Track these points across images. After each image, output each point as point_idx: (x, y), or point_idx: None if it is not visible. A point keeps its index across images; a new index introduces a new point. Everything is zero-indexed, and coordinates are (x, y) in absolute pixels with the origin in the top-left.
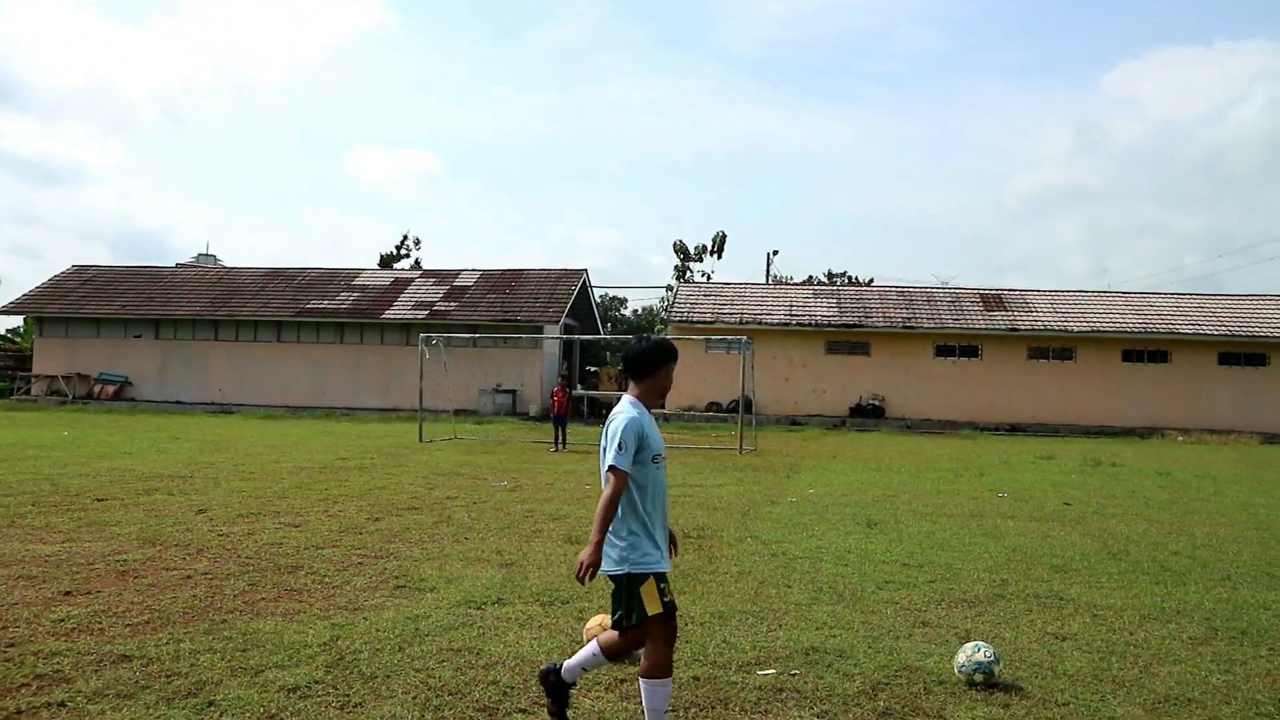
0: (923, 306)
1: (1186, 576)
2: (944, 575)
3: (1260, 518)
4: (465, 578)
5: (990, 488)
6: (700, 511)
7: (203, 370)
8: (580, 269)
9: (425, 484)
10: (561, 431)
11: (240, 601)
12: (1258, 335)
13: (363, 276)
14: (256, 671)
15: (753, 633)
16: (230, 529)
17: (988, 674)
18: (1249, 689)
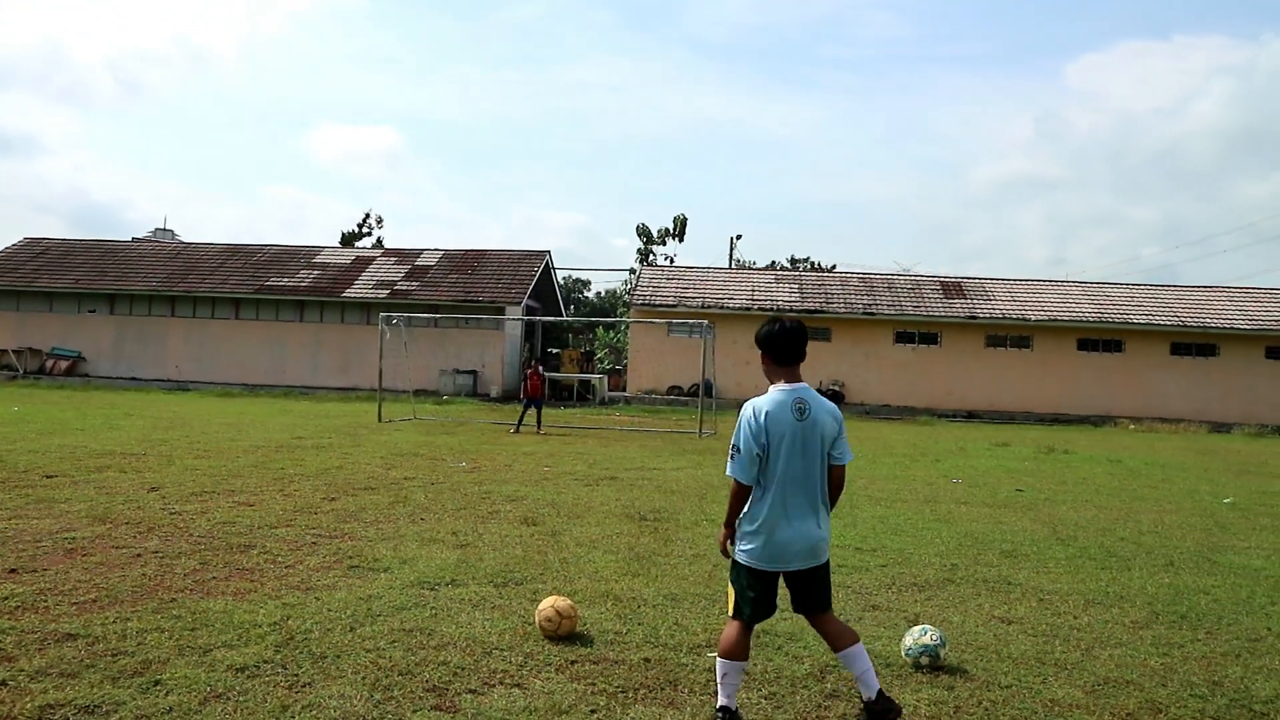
0: (883, 293)
1: (1131, 562)
2: (896, 560)
3: (1204, 505)
4: (419, 558)
5: (945, 474)
6: (657, 494)
7: (159, 347)
8: (543, 250)
9: (383, 464)
10: (537, 413)
11: (190, 580)
12: (1208, 326)
13: (323, 254)
14: (205, 651)
15: (705, 615)
16: (183, 507)
17: (934, 657)
18: (1185, 671)
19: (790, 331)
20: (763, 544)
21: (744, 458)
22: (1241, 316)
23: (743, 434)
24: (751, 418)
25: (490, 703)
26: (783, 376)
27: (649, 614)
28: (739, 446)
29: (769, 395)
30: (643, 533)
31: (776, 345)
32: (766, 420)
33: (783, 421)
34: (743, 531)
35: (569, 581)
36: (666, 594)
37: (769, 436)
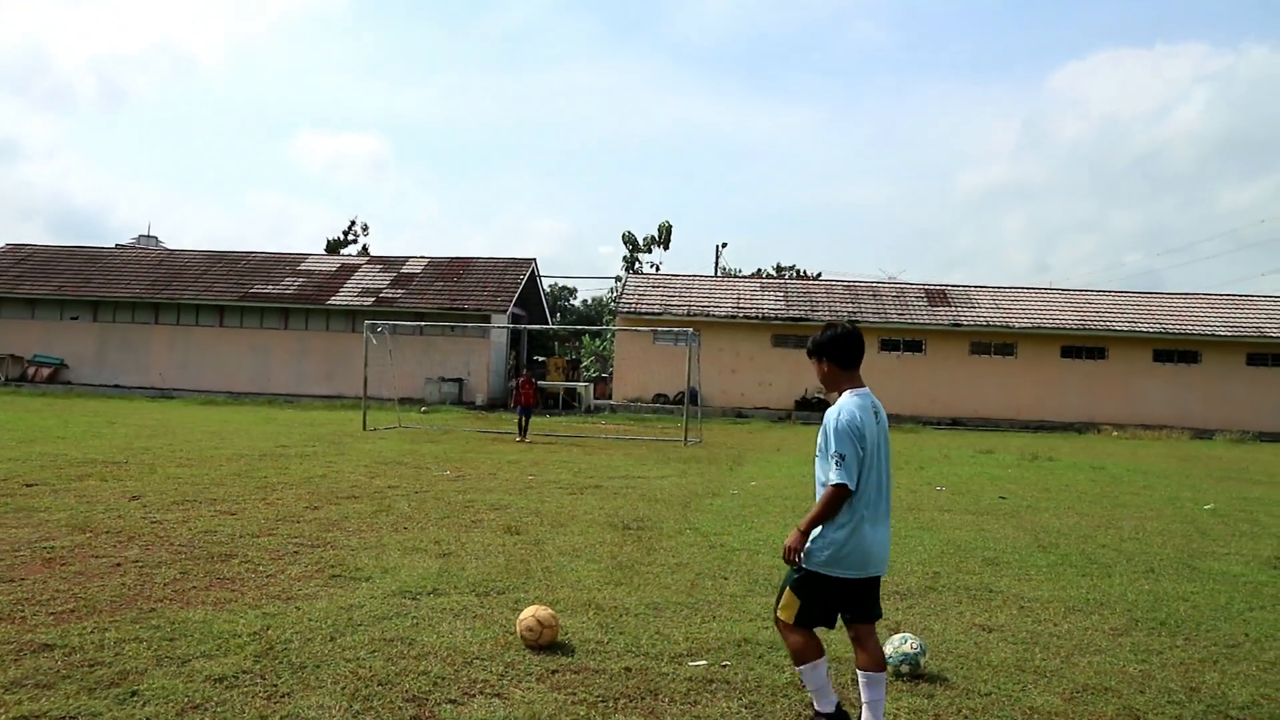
0: (868, 301)
1: (1112, 569)
2: None
3: (1185, 511)
4: (402, 567)
5: (929, 481)
6: (642, 503)
7: (143, 354)
8: (529, 258)
9: (367, 472)
10: (525, 421)
11: (170, 590)
12: (1190, 333)
13: (308, 261)
14: (183, 661)
15: (686, 624)
16: (164, 516)
17: (914, 665)
18: (1163, 678)
19: (853, 335)
20: (851, 550)
21: (852, 462)
22: (1223, 324)
23: (845, 439)
24: (849, 422)
25: (470, 713)
26: (847, 381)
27: (631, 623)
28: (844, 453)
29: (850, 400)
30: (626, 541)
31: (841, 349)
32: (860, 425)
33: (869, 425)
34: (828, 539)
35: (551, 591)
36: (649, 603)
37: (865, 441)
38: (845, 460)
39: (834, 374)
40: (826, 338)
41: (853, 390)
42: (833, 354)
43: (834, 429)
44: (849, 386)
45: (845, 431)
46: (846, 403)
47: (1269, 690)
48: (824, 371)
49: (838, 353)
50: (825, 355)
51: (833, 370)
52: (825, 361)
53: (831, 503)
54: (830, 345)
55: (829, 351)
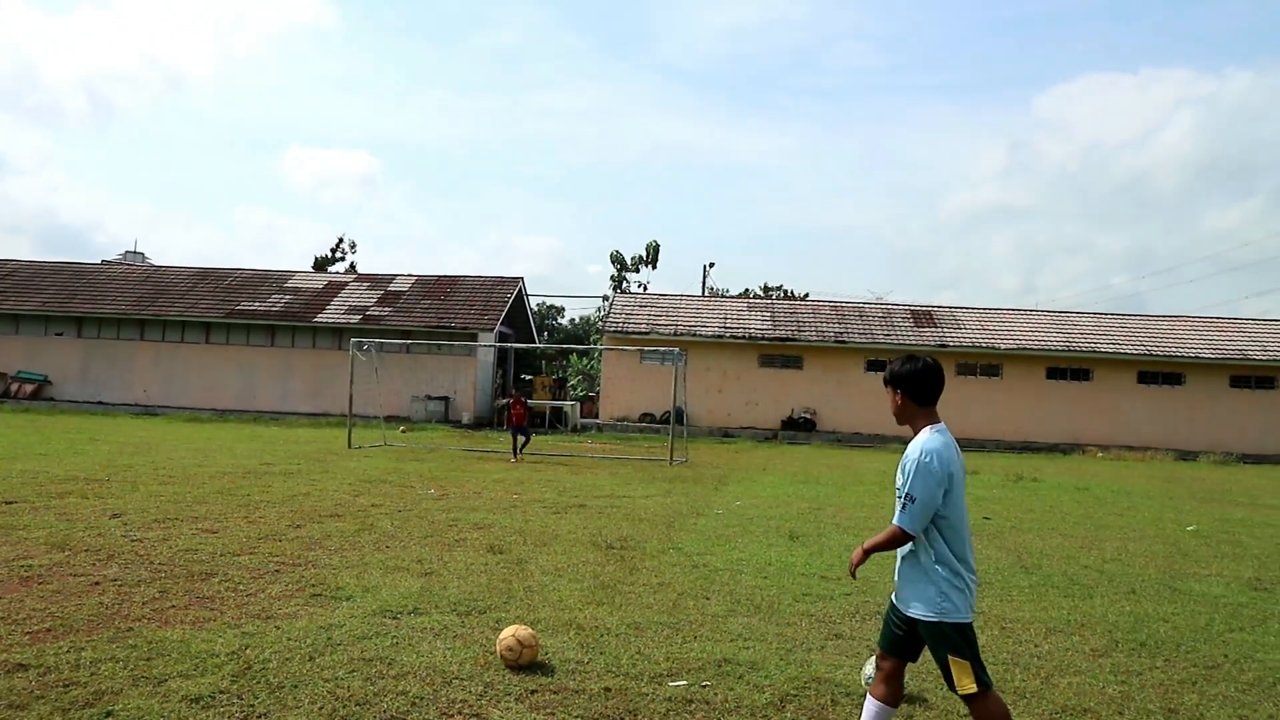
0: (855, 321)
1: (1094, 590)
2: (861, 588)
3: (1167, 533)
4: (383, 586)
5: None
6: (625, 523)
7: (127, 371)
8: (516, 277)
9: (351, 491)
10: (513, 442)
11: (149, 609)
12: (1174, 355)
13: (295, 279)
14: (159, 681)
15: (668, 644)
16: (145, 534)
17: None
18: (1142, 699)
19: (934, 369)
20: (971, 591)
21: (921, 507)
22: (1206, 346)
23: (922, 482)
24: (932, 464)
25: None
26: (923, 416)
27: (612, 643)
28: (916, 496)
29: (931, 437)
30: (609, 561)
31: (920, 384)
32: (948, 464)
33: (955, 463)
34: (956, 584)
35: (532, 610)
36: (630, 623)
37: (952, 481)
38: (915, 504)
39: (908, 407)
40: (906, 370)
41: (932, 427)
42: (910, 387)
43: (914, 469)
44: (926, 422)
45: (926, 474)
46: (928, 441)
47: (1246, 712)
48: (898, 403)
49: (916, 387)
50: (902, 388)
51: (906, 404)
52: (901, 394)
53: (892, 541)
54: (909, 379)
55: (907, 385)
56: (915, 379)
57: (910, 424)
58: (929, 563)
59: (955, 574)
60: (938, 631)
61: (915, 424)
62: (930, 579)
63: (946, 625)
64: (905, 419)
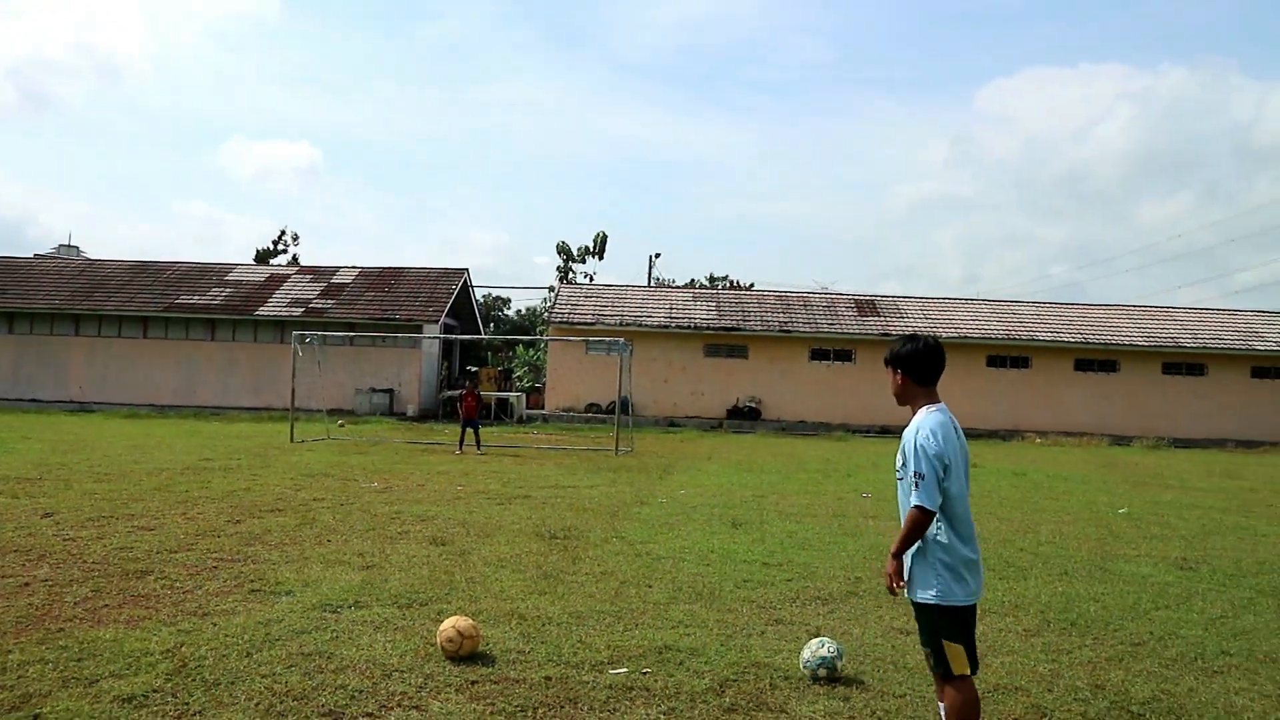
0: (799, 311)
1: (1028, 572)
2: (802, 574)
3: (1100, 515)
4: (323, 581)
5: (856, 489)
6: (570, 513)
7: (62, 367)
8: (461, 268)
9: (292, 485)
10: (475, 434)
11: (81, 609)
12: (1110, 343)
13: (236, 272)
14: (91, 681)
15: (609, 632)
16: (78, 533)
17: (831, 669)
18: (1071, 676)
19: (935, 349)
20: (971, 574)
21: (931, 483)
22: (1140, 334)
23: (924, 458)
24: (929, 440)
25: None
26: (924, 397)
27: (553, 632)
28: (923, 472)
29: (930, 416)
30: (552, 551)
31: (921, 364)
32: (946, 442)
33: (953, 441)
34: (949, 563)
35: (474, 601)
36: (572, 612)
37: (950, 459)
38: (925, 480)
39: (909, 388)
40: (907, 350)
41: (930, 406)
42: (911, 367)
43: (914, 449)
44: (926, 402)
45: (925, 450)
46: (926, 420)
47: (1169, 686)
48: (898, 384)
49: (917, 367)
50: (903, 368)
51: (907, 384)
52: (901, 374)
53: (916, 526)
54: (910, 359)
55: (907, 365)
56: (916, 359)
57: (910, 404)
58: (929, 544)
59: (956, 557)
60: (932, 614)
61: (915, 404)
62: (929, 562)
63: (943, 609)
64: (906, 399)
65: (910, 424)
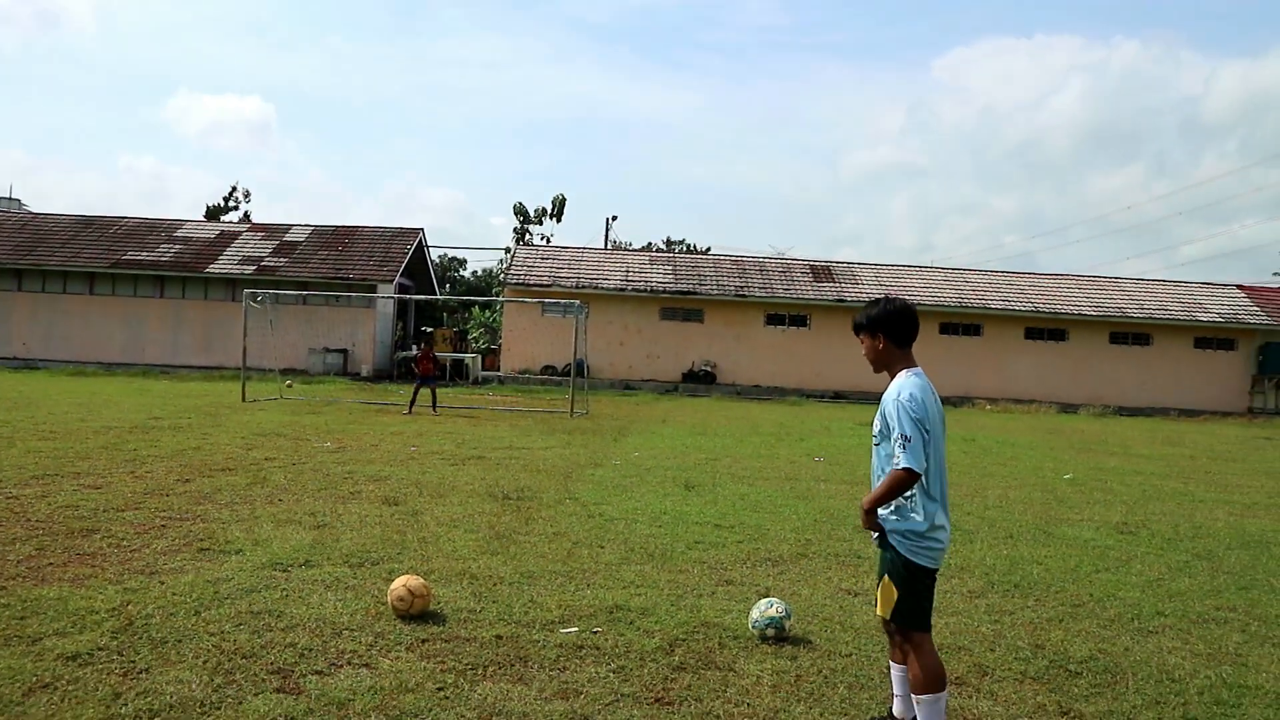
0: (755, 276)
1: (975, 535)
2: (753, 536)
3: (1046, 480)
4: (274, 539)
5: (808, 452)
6: (523, 474)
7: (4, 323)
8: (416, 228)
9: (243, 445)
10: (432, 394)
11: (24, 567)
12: (1059, 312)
13: (186, 228)
14: (33, 640)
15: (560, 592)
16: (21, 491)
17: (779, 629)
18: (1013, 636)
19: (910, 310)
20: (938, 538)
21: (918, 445)
22: (1089, 304)
23: (908, 420)
24: (911, 401)
25: (335, 683)
26: (902, 360)
27: (504, 592)
28: (909, 434)
29: (909, 379)
30: (505, 511)
31: (898, 325)
32: (927, 406)
33: (932, 406)
34: (917, 529)
35: (426, 561)
36: (524, 572)
37: (930, 423)
38: (911, 443)
39: (888, 351)
40: (884, 312)
41: (909, 370)
42: (889, 329)
43: (896, 410)
44: (904, 366)
45: (910, 412)
46: (906, 382)
47: (1106, 645)
48: (876, 348)
49: (894, 328)
50: (881, 330)
51: (887, 347)
52: (880, 337)
53: (896, 487)
54: (887, 320)
55: (885, 326)
56: (893, 320)
57: (888, 369)
58: (906, 509)
59: (929, 525)
60: (896, 561)
61: (893, 368)
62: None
63: (909, 563)
64: (884, 364)
65: (890, 387)
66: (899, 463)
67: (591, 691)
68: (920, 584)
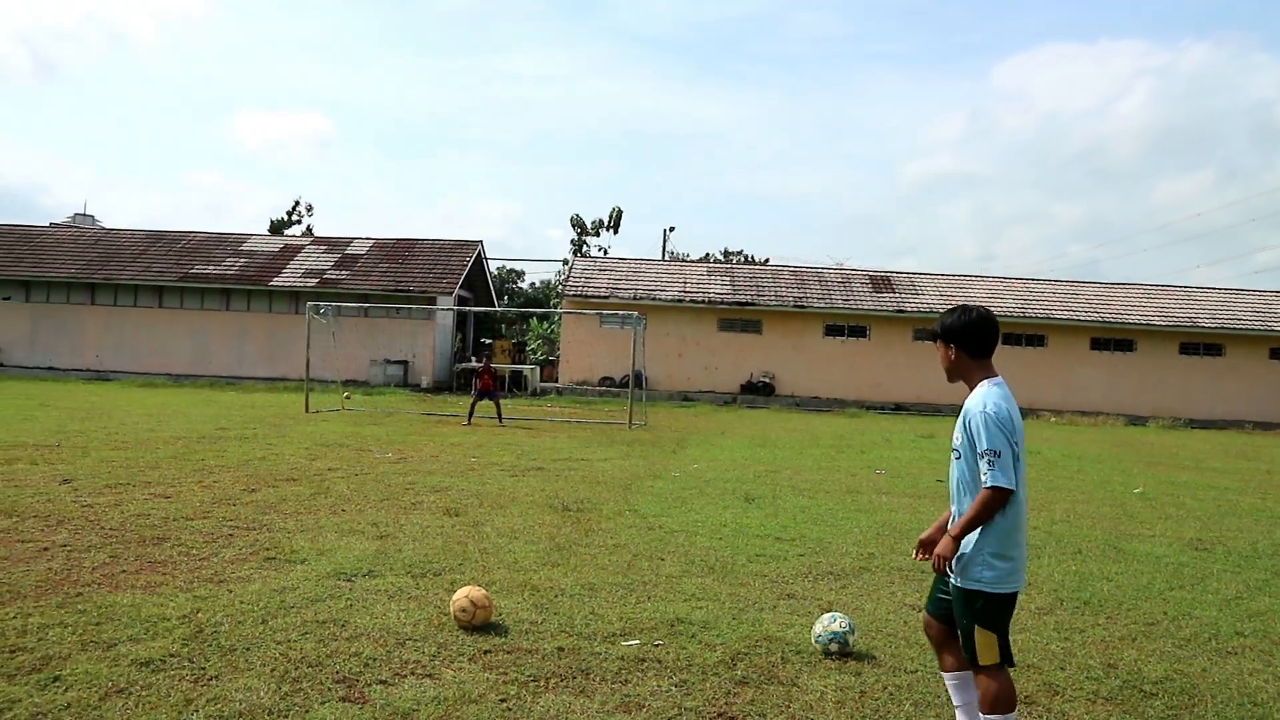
0: (814, 286)
1: (1042, 550)
2: (814, 549)
3: (1115, 495)
4: (338, 549)
5: (869, 464)
6: (583, 485)
7: (78, 335)
8: (475, 240)
9: (307, 455)
10: (496, 406)
11: (99, 574)
12: (1126, 322)
13: (250, 242)
14: (109, 645)
15: (621, 604)
16: (95, 499)
17: (843, 644)
18: (1083, 655)
19: (989, 319)
20: (1020, 560)
21: (1008, 460)
22: (1157, 313)
23: (997, 434)
24: (998, 414)
25: (400, 693)
26: (980, 371)
27: (565, 604)
28: (998, 448)
29: (993, 390)
30: (565, 523)
31: (977, 336)
32: (1012, 419)
33: (1018, 419)
34: (999, 553)
35: (487, 572)
36: (584, 584)
37: (1017, 435)
38: (1001, 458)
39: (962, 362)
40: (961, 322)
41: (990, 380)
42: (965, 340)
43: (983, 422)
44: (983, 376)
45: (996, 425)
46: (990, 393)
47: (1182, 666)
48: (950, 359)
49: (971, 339)
50: (956, 341)
51: (960, 358)
52: (954, 348)
53: (990, 506)
54: (964, 331)
55: (961, 337)
56: (970, 330)
57: (965, 379)
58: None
59: (1004, 543)
60: (971, 599)
61: (971, 379)
62: (977, 546)
63: (984, 595)
64: (959, 374)
65: (972, 396)
66: (987, 480)
67: (654, 705)
68: (1009, 613)
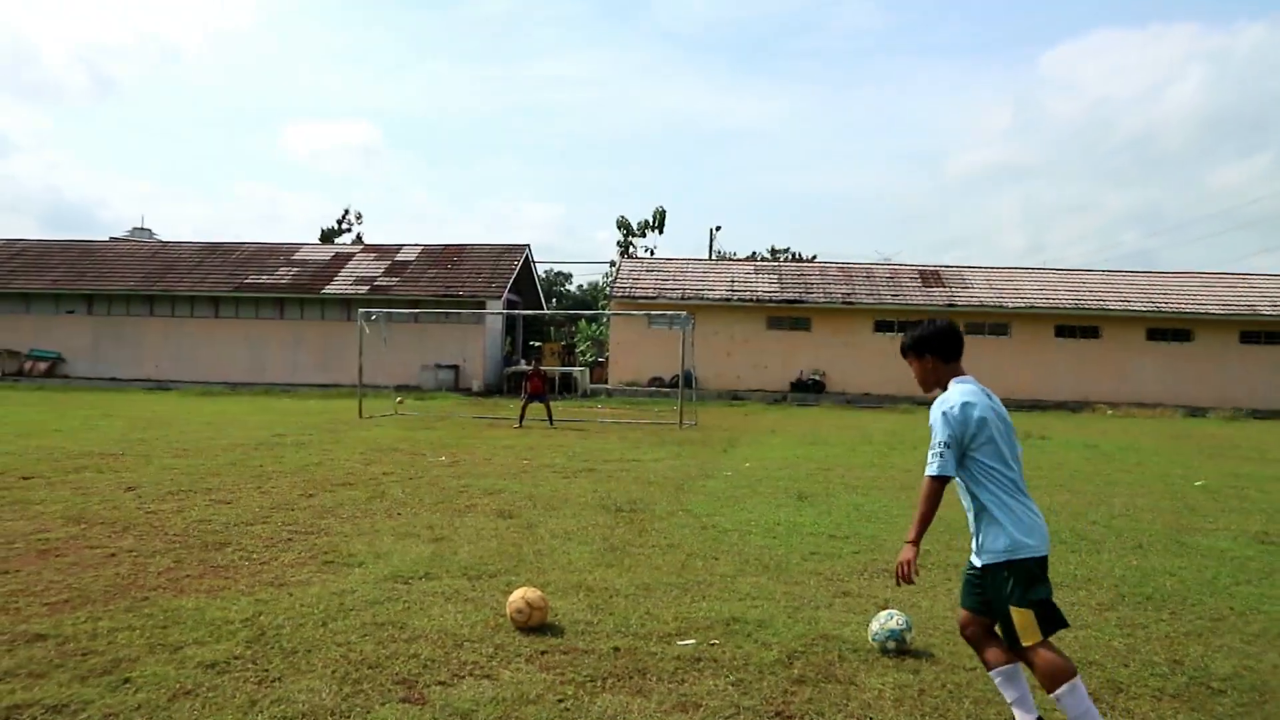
0: (862, 283)
1: (1101, 545)
2: (869, 546)
3: (1175, 488)
4: (394, 552)
5: (921, 461)
6: (635, 485)
7: (138, 346)
8: (523, 244)
9: (362, 460)
10: (546, 408)
11: (164, 579)
12: (1183, 312)
13: (302, 251)
14: (175, 648)
15: (676, 604)
16: (159, 506)
17: (900, 641)
18: (1147, 651)
19: (953, 327)
20: (1031, 524)
21: (953, 453)
22: (1215, 302)
23: (945, 430)
24: (951, 411)
25: (459, 694)
26: (949, 374)
27: (621, 604)
28: (947, 442)
29: (956, 389)
30: (618, 524)
31: (948, 341)
32: (967, 410)
33: (985, 408)
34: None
35: (542, 573)
36: (639, 584)
37: (975, 425)
38: (948, 451)
39: (937, 369)
40: (929, 332)
41: (957, 380)
42: (936, 348)
43: (937, 419)
44: (953, 377)
45: (944, 421)
46: (952, 394)
47: (1251, 662)
48: (926, 368)
49: (944, 345)
50: (928, 350)
51: (936, 365)
52: (929, 357)
53: (928, 496)
54: (936, 339)
55: (932, 346)
56: (941, 337)
57: (940, 385)
58: (993, 506)
59: (1021, 507)
60: (997, 574)
61: (945, 383)
62: (998, 521)
63: (1014, 564)
64: (935, 381)
65: (938, 400)
66: (928, 470)
67: (711, 704)
68: (1041, 581)
